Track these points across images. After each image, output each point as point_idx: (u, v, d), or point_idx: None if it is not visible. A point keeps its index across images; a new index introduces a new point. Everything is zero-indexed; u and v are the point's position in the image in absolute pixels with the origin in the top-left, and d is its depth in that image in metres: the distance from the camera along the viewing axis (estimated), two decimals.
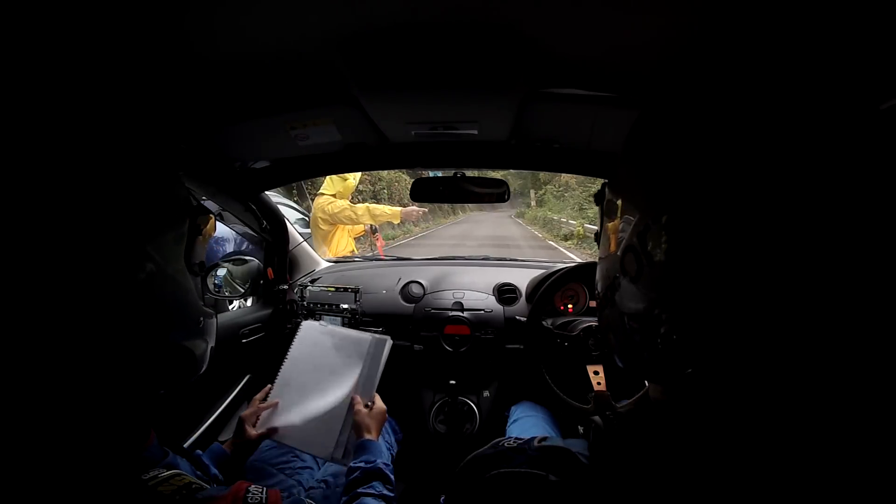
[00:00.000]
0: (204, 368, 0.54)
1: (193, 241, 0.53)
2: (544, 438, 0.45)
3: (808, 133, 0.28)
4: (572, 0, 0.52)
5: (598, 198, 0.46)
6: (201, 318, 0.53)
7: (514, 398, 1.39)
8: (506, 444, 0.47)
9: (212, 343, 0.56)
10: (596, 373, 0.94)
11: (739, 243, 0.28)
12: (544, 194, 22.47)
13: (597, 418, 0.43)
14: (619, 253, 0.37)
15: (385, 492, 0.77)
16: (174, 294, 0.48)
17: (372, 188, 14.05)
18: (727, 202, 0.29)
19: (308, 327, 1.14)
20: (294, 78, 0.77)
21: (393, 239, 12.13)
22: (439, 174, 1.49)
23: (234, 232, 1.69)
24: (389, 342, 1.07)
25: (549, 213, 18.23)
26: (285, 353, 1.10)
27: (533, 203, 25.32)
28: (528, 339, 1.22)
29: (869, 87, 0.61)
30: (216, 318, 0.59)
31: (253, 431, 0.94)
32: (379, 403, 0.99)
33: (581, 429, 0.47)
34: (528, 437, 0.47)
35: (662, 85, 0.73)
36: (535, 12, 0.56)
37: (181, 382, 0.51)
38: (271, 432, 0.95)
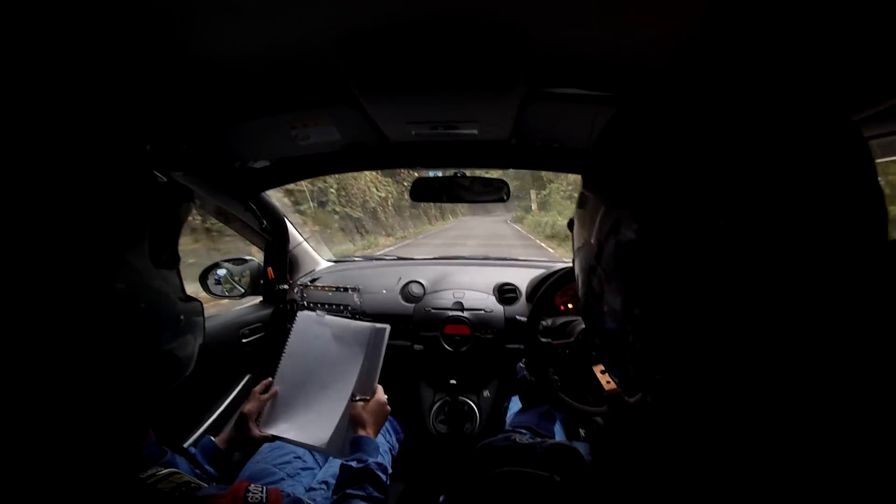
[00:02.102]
0: (192, 366, 0.52)
1: (166, 233, 0.49)
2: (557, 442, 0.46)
3: (769, 139, 0.28)
4: (573, 0, 0.52)
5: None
6: (181, 317, 0.50)
7: (513, 394, 1.39)
8: (517, 439, 0.47)
9: (200, 337, 0.53)
10: (603, 371, 0.92)
11: (695, 241, 0.29)
12: (548, 195, 19.49)
13: (598, 419, 0.43)
14: (592, 241, 0.37)
15: (374, 493, 0.76)
16: (146, 298, 0.45)
17: (312, 187, 9.57)
18: (688, 199, 0.29)
19: (305, 318, 1.11)
20: (294, 78, 0.77)
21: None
22: (439, 174, 1.49)
23: None
24: (388, 329, 1.05)
25: (558, 217, 14.87)
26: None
27: (534, 206, 21.40)
28: (529, 355, 1.19)
29: (845, 96, 0.61)
30: (202, 309, 0.55)
31: (256, 431, 0.93)
32: (379, 396, 0.96)
33: (583, 432, 0.47)
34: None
35: (662, 84, 0.73)
36: (536, 12, 0.56)
37: (171, 384, 0.49)
38: (276, 433, 0.94)
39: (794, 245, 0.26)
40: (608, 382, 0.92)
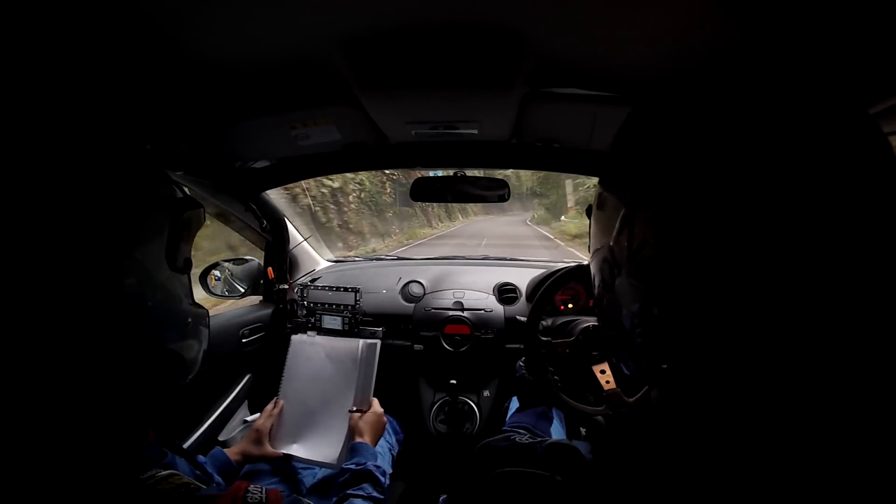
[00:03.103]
0: (195, 371, 0.53)
1: (179, 238, 0.50)
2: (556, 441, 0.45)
3: (792, 136, 0.28)
4: (572, 1, 0.52)
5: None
6: (189, 320, 0.51)
7: (513, 394, 1.39)
8: (517, 439, 0.47)
9: (205, 344, 0.55)
10: (603, 371, 0.92)
11: (718, 240, 0.28)
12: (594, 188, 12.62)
13: (599, 418, 0.43)
14: (611, 244, 0.37)
15: (374, 493, 0.78)
16: (158, 298, 0.46)
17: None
18: (709, 200, 0.29)
19: (298, 342, 1.17)
20: (295, 78, 0.77)
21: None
22: (439, 173, 1.49)
23: None
24: (379, 344, 1.10)
25: None
26: (283, 358, 1.12)
27: (570, 203, 14.67)
28: (529, 354, 1.20)
29: (861, 89, 0.61)
30: (208, 316, 0.57)
31: (270, 448, 0.97)
32: (375, 408, 1.01)
33: (584, 431, 0.47)
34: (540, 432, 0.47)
35: (662, 85, 0.73)
36: (536, 14, 0.56)
37: (173, 386, 0.50)
38: (287, 452, 0.99)
39: (813, 244, 0.26)
40: (608, 383, 0.92)
